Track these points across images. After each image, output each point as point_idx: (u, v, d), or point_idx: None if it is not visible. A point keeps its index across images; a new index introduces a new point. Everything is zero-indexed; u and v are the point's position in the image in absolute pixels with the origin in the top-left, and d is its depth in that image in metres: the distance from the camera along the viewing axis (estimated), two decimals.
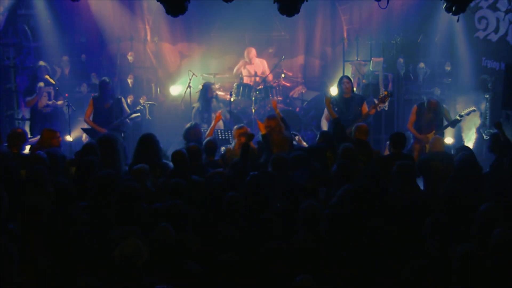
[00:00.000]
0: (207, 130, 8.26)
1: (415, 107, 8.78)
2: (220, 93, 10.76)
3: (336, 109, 8.72)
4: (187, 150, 6.44)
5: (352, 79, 9.50)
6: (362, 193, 5.19)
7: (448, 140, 8.48)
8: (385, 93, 8.99)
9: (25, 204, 4.74)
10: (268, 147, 6.80)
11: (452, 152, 7.24)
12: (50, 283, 4.00)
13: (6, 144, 6.87)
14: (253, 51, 11.16)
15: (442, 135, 8.53)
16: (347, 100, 8.69)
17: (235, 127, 7.76)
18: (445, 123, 8.58)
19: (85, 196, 5.35)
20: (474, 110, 8.59)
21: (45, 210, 4.72)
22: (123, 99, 9.18)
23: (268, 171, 5.97)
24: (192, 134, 7.53)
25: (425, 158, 6.87)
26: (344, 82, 8.68)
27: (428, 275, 3.99)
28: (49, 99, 9.41)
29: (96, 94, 9.06)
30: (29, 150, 7.10)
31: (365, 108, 8.65)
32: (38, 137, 8.16)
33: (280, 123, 7.17)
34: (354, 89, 9.21)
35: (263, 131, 7.13)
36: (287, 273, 4.11)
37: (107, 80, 8.99)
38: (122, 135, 8.75)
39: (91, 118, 8.91)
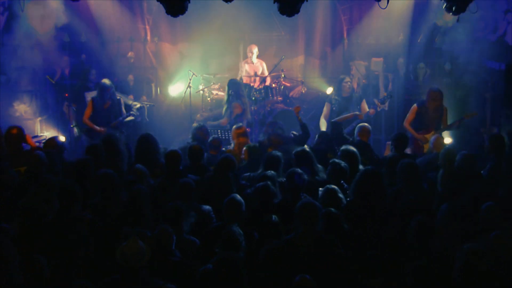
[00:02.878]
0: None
1: (415, 106, 8.78)
2: (220, 93, 10.77)
3: (334, 108, 8.73)
4: (189, 149, 6.45)
5: (352, 78, 9.52)
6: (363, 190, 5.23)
7: (447, 140, 8.49)
8: (385, 94, 8.99)
9: (23, 205, 4.76)
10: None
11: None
12: (48, 284, 4.01)
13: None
14: (255, 48, 11.16)
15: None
16: (346, 99, 8.70)
17: (234, 127, 7.76)
18: (445, 124, 8.59)
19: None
20: (474, 115, 8.60)
21: (43, 211, 4.75)
22: (122, 101, 9.18)
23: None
24: (201, 134, 7.54)
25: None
26: (346, 81, 8.68)
27: (428, 275, 4.00)
28: None
29: (95, 96, 9.08)
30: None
31: (364, 107, 8.65)
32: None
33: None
34: (355, 85, 9.21)
35: None
36: (287, 272, 4.12)
37: (107, 83, 8.93)
38: (123, 135, 8.76)
39: (90, 119, 8.93)
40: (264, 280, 4.21)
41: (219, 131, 9.05)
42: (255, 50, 11.13)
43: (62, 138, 8.84)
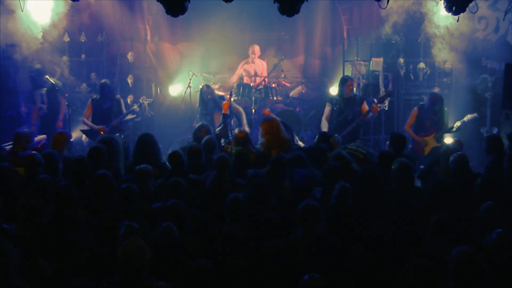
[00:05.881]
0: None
1: (415, 109, 8.79)
2: (220, 93, 10.75)
3: (335, 108, 8.71)
4: (188, 150, 6.45)
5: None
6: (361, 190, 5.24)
7: (448, 140, 8.50)
8: (384, 93, 8.98)
9: (24, 205, 4.77)
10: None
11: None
12: (48, 284, 4.01)
13: (12, 143, 6.93)
14: (257, 48, 11.15)
15: (441, 138, 8.54)
16: (347, 100, 8.69)
17: (236, 130, 7.71)
18: (446, 126, 8.58)
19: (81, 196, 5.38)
20: (476, 117, 8.59)
21: (43, 212, 4.76)
22: (122, 100, 9.21)
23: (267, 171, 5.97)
24: (202, 133, 7.51)
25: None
26: (348, 84, 8.64)
27: (428, 275, 4.00)
28: (42, 102, 9.42)
29: (96, 96, 9.10)
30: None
31: (365, 108, 8.64)
32: (42, 136, 8.20)
33: (280, 125, 7.15)
34: (354, 89, 9.21)
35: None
36: (289, 272, 4.12)
37: (108, 83, 9.04)
38: (122, 136, 8.77)
39: (89, 119, 8.95)
40: (265, 280, 4.20)
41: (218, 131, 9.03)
42: (257, 50, 11.12)
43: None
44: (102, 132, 8.72)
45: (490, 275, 4.05)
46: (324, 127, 8.85)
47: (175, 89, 11.36)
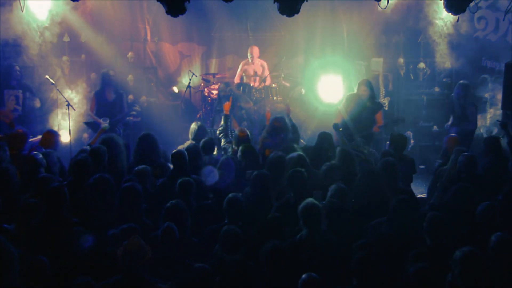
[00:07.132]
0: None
1: None
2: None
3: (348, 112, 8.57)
4: (187, 150, 6.45)
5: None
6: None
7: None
8: (400, 118, 8.81)
9: (23, 205, 4.77)
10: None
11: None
12: (48, 284, 4.01)
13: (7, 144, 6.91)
14: (256, 50, 11.16)
15: None
16: (363, 105, 8.44)
17: (236, 130, 7.71)
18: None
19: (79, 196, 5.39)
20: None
21: (42, 211, 4.77)
22: (124, 96, 9.24)
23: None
24: (199, 134, 7.52)
25: None
26: (362, 89, 8.41)
27: (428, 274, 4.00)
28: (17, 103, 9.38)
29: (98, 89, 9.09)
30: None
31: (380, 116, 8.37)
32: (39, 137, 8.18)
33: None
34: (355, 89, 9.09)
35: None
36: (291, 273, 4.13)
37: (110, 72, 9.05)
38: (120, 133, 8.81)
39: (94, 113, 8.97)
40: (266, 280, 4.21)
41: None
42: (255, 51, 11.13)
43: (65, 138, 8.87)
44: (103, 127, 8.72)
45: (493, 276, 4.05)
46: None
47: (178, 88, 11.43)
